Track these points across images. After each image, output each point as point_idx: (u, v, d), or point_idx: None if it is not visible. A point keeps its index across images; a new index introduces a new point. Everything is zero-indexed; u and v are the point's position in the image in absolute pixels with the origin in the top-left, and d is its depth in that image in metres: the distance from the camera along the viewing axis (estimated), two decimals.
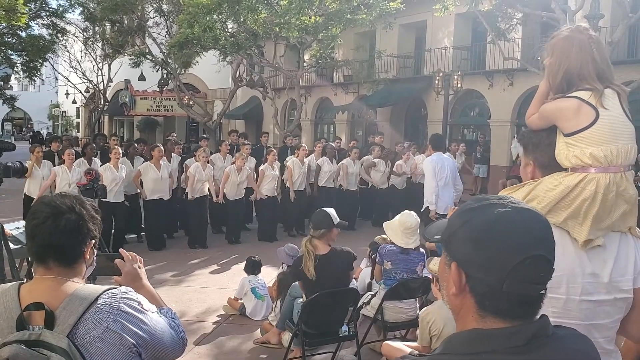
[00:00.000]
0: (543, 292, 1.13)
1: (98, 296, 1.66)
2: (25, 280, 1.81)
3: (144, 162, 10.02)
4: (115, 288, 1.73)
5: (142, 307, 1.73)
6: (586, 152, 1.87)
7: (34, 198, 9.10)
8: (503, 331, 1.11)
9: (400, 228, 5.25)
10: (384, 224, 5.47)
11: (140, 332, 1.69)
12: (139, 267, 2.02)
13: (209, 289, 7.51)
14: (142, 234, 10.26)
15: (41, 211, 1.72)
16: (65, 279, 1.71)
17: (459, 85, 16.89)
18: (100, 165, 9.51)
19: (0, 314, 1.64)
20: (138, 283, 1.96)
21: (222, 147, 11.28)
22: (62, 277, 1.71)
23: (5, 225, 5.02)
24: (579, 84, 1.93)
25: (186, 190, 10.02)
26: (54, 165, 9.60)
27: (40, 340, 1.54)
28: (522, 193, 1.95)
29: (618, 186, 1.88)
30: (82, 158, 9.90)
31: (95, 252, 1.85)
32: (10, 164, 4.45)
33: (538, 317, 1.14)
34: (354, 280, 6.23)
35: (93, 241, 1.80)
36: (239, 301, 6.52)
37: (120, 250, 2.05)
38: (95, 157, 10.34)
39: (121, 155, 9.63)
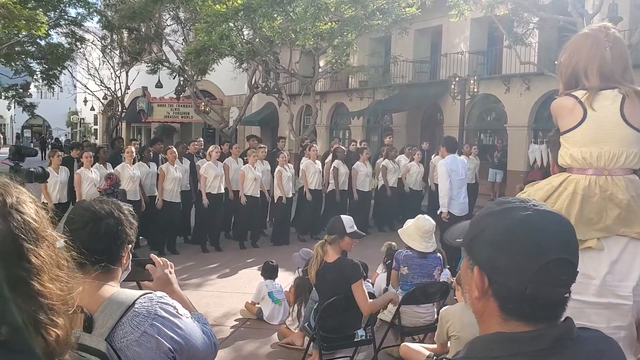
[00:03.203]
0: (567, 295, 1.13)
1: (135, 300, 1.67)
2: None
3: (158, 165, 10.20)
4: (151, 293, 1.74)
5: (177, 312, 1.74)
6: (568, 152, 1.88)
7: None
8: (527, 335, 1.11)
9: (419, 233, 5.24)
10: (399, 231, 5.46)
11: (176, 337, 1.70)
12: (170, 273, 2.03)
13: (226, 294, 7.55)
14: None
15: (81, 216, 1.76)
16: (102, 283, 1.73)
17: (475, 89, 16.83)
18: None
19: None
20: (169, 288, 1.97)
21: (233, 150, 11.38)
22: (99, 281, 1.74)
23: None
24: (583, 81, 1.90)
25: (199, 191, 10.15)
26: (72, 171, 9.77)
27: (80, 344, 1.56)
28: (525, 195, 1.95)
29: (603, 189, 1.84)
30: (97, 162, 10.03)
31: (131, 257, 1.88)
32: (32, 169, 4.51)
33: (562, 319, 1.14)
34: (370, 285, 6.23)
35: (130, 246, 1.83)
36: (257, 305, 6.55)
37: (151, 255, 2.07)
38: (110, 162, 10.43)
39: (134, 155, 9.79)
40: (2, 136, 54.10)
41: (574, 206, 1.84)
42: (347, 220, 4.65)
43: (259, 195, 10.41)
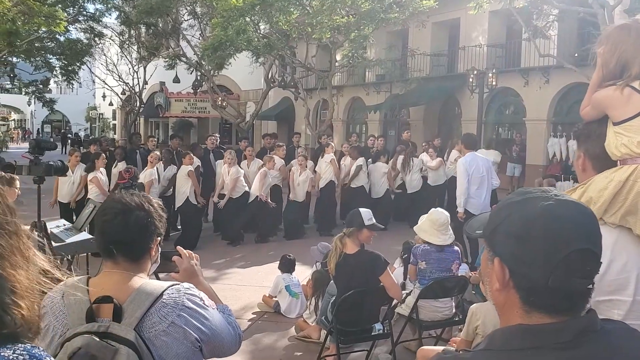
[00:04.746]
0: (590, 286, 1.10)
1: (163, 291, 1.71)
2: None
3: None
4: (179, 284, 1.78)
5: (204, 303, 1.78)
6: (634, 140, 1.82)
7: (63, 202, 9.32)
8: (549, 327, 1.09)
9: (434, 227, 5.22)
10: (415, 228, 5.44)
11: (202, 327, 1.73)
12: (196, 265, 2.07)
13: (243, 287, 7.59)
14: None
15: (112, 208, 1.79)
16: (132, 274, 1.77)
17: (493, 83, 16.67)
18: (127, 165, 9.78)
19: (70, 306, 1.70)
20: (195, 280, 2.00)
21: (247, 152, 11.45)
22: (129, 272, 1.77)
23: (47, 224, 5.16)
24: (632, 71, 1.88)
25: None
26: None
27: (109, 333, 1.60)
28: (574, 197, 1.89)
29: None
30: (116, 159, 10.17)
31: (160, 250, 1.91)
32: (52, 163, 4.57)
33: (585, 311, 1.12)
34: None
35: (159, 238, 1.86)
36: (274, 299, 6.57)
37: (178, 247, 2.10)
38: (124, 160, 10.53)
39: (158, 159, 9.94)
40: (19, 132, 54.84)
41: None
42: (366, 213, 4.68)
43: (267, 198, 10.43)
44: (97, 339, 1.58)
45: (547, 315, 1.10)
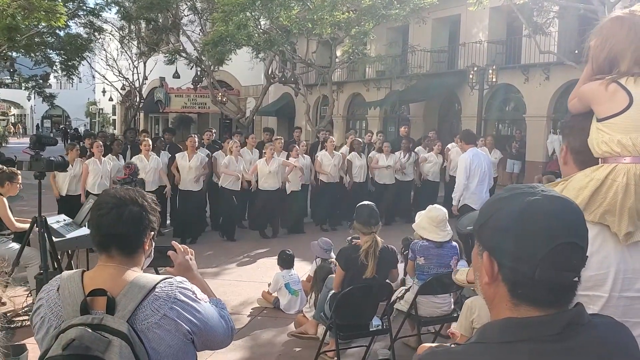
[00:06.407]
0: (576, 279, 1.13)
1: (156, 285, 1.75)
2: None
3: (170, 155, 10.46)
4: (171, 277, 1.82)
5: (196, 297, 1.81)
6: (614, 139, 1.79)
7: (62, 195, 9.34)
8: (537, 319, 1.11)
9: (433, 224, 5.23)
10: (413, 226, 5.45)
11: (194, 320, 1.77)
12: (190, 259, 2.10)
13: (243, 283, 7.61)
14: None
15: (106, 202, 1.82)
16: (125, 267, 1.81)
17: (493, 79, 16.67)
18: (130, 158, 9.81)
19: (65, 299, 1.74)
20: (190, 274, 2.04)
21: (249, 140, 11.43)
22: (123, 265, 1.81)
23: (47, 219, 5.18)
24: (620, 65, 1.84)
25: (218, 182, 10.24)
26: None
27: (103, 325, 1.64)
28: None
29: None
30: (110, 154, 10.15)
31: (154, 244, 1.94)
32: (53, 159, 4.59)
33: (573, 305, 1.14)
34: None
35: (152, 233, 1.89)
36: (273, 295, 6.59)
37: (173, 242, 2.14)
38: (123, 152, 10.52)
39: (151, 147, 9.90)
40: (20, 127, 54.88)
41: (628, 198, 1.78)
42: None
43: (276, 189, 10.32)
44: (91, 331, 1.61)
45: (535, 308, 1.12)
